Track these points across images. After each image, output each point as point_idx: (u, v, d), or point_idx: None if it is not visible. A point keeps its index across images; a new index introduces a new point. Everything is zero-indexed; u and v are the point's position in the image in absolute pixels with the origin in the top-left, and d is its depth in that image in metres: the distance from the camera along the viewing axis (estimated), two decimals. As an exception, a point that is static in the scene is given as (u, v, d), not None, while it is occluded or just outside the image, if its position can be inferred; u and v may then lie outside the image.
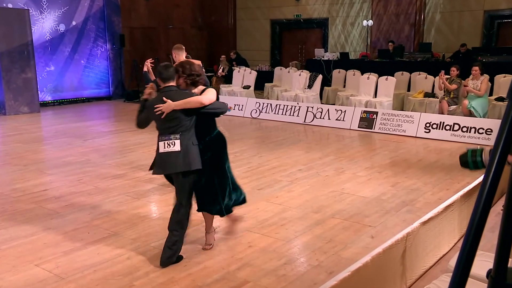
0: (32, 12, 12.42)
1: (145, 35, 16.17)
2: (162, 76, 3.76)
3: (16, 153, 7.74)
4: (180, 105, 3.70)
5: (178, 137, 3.73)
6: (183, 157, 3.72)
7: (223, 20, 17.88)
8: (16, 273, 3.66)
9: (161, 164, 3.80)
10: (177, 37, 17.16)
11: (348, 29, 15.16)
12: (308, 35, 16.48)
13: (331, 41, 15.62)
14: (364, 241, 4.24)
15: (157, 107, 3.68)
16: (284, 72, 13.46)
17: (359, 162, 7.03)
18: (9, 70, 11.53)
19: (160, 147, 3.75)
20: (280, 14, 16.62)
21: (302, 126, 10.19)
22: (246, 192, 5.59)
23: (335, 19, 15.40)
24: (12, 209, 5.08)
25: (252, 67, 14.61)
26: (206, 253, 4.00)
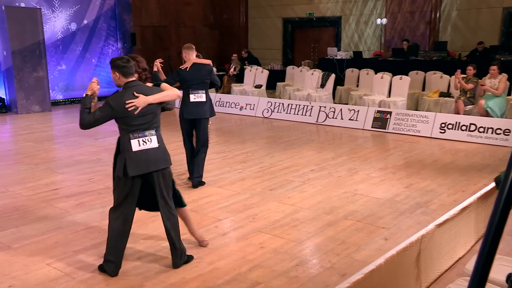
0: (44, 11, 12.55)
1: (156, 33, 16.25)
2: (124, 70, 3.55)
3: (27, 152, 7.83)
4: (158, 98, 3.61)
5: (154, 132, 3.63)
6: (162, 152, 3.66)
7: (235, 18, 17.90)
8: (27, 272, 3.70)
9: (141, 163, 3.52)
10: (188, 36, 17.23)
11: (362, 28, 15.09)
12: (321, 34, 16.43)
13: (344, 40, 15.56)
14: (377, 243, 4.22)
15: (129, 102, 3.48)
16: (296, 71, 13.43)
17: (373, 163, 6.99)
18: (21, 69, 11.67)
19: (133, 146, 3.52)
20: (293, 13, 16.59)
21: (315, 126, 10.16)
22: (257, 192, 5.62)
23: (348, 18, 15.33)
24: (24, 208, 5.14)
25: (264, 66, 14.61)
26: (217, 254, 4.01)
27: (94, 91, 3.62)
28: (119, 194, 3.62)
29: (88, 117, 3.50)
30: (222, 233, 4.48)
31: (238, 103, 11.83)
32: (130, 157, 3.52)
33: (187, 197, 5.47)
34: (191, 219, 4.18)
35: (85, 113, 3.51)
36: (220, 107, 12.09)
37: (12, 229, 4.57)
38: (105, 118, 3.52)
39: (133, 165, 3.51)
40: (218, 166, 6.84)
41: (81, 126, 3.54)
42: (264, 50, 17.10)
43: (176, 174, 6.44)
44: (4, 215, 4.92)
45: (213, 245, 4.19)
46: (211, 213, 4.99)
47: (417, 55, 12.51)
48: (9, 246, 4.18)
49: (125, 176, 3.51)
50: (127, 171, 3.50)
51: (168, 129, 9.64)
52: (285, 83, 13.67)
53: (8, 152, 8.02)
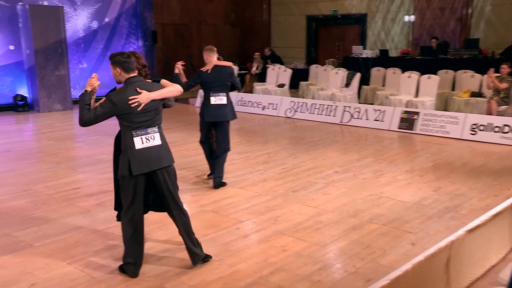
0: (66, 9, 12.78)
1: (177, 31, 16.38)
2: (125, 66, 3.51)
3: (49, 150, 7.98)
4: (161, 94, 3.61)
5: (157, 130, 3.62)
6: (166, 150, 3.66)
7: (257, 16, 17.91)
8: (49, 271, 3.78)
9: (144, 161, 3.51)
10: (209, 34, 17.32)
11: (388, 25, 14.91)
12: (346, 32, 16.30)
13: (370, 38, 15.40)
14: (403, 248, 4.16)
15: (133, 98, 3.46)
16: (320, 70, 13.37)
17: (399, 165, 6.90)
18: (44, 67, 11.91)
19: (136, 143, 3.50)
20: (317, 10, 16.51)
21: (339, 127, 10.09)
22: (279, 194, 5.61)
23: (374, 15, 15.18)
24: (45, 207, 5.25)
25: (287, 65, 14.58)
26: (238, 256, 4.01)
27: (94, 87, 3.57)
28: (126, 195, 3.61)
29: (88, 114, 3.46)
30: (243, 235, 4.49)
31: (260, 103, 11.84)
32: (133, 155, 3.50)
33: (208, 198, 5.51)
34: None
35: (85, 110, 3.46)
36: (242, 106, 12.11)
37: (34, 227, 4.66)
38: (106, 114, 3.47)
39: (137, 163, 3.50)
40: (240, 167, 6.86)
41: (80, 123, 3.48)
42: (287, 49, 17.06)
43: (199, 174, 6.48)
44: (26, 214, 5.03)
45: (235, 247, 4.20)
46: (233, 214, 5.01)
47: (447, 53, 12.30)
48: (31, 244, 4.27)
49: (130, 174, 3.51)
50: (131, 169, 3.49)
51: (188, 129, 9.70)
52: (309, 82, 13.62)
53: (30, 150, 8.20)
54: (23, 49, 12.15)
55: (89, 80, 3.57)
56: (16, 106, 12.10)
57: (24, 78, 12.32)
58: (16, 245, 4.26)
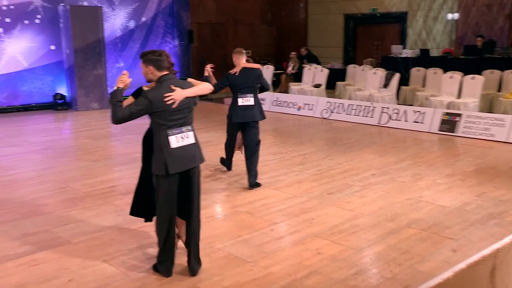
0: (105, 9, 13.11)
1: (213, 31, 16.53)
2: (158, 64, 3.54)
3: (86, 148, 8.21)
4: (195, 92, 3.64)
5: (190, 128, 3.65)
6: (197, 149, 3.69)
7: (294, 15, 17.87)
8: (85, 268, 3.88)
9: (180, 160, 3.54)
10: (245, 33, 17.40)
11: (430, 24, 14.59)
12: (385, 31, 16.06)
13: (410, 37, 15.12)
14: (444, 254, 4.07)
15: (168, 95, 3.48)
16: (358, 70, 13.22)
17: (439, 168, 6.75)
18: (82, 66, 12.25)
19: (171, 142, 3.51)
20: (355, 8, 16.34)
21: (376, 128, 9.96)
22: (314, 196, 5.59)
23: (415, 13, 14.89)
24: (82, 204, 5.39)
25: (324, 65, 14.47)
26: (272, 258, 4.02)
27: (126, 84, 3.58)
28: (162, 195, 3.62)
29: (122, 111, 3.45)
30: (277, 237, 4.49)
31: (296, 103, 11.81)
32: (169, 154, 3.51)
33: (242, 198, 5.53)
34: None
35: (118, 107, 3.45)
36: (277, 106, 12.11)
37: (71, 224, 4.80)
38: (141, 111, 3.46)
39: (173, 162, 3.51)
40: (275, 168, 6.86)
41: (113, 120, 3.47)
42: (324, 48, 16.95)
43: (233, 175, 6.52)
44: (64, 211, 5.19)
45: (268, 249, 4.20)
46: (267, 216, 5.01)
47: (493, 53, 11.92)
48: (69, 241, 4.40)
49: (166, 174, 3.53)
50: (168, 168, 3.51)
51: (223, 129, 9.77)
52: (346, 83, 13.49)
53: (68, 148, 8.45)
54: (63, 49, 12.54)
55: (120, 77, 3.58)
56: (56, 105, 12.50)
57: (64, 77, 12.71)
58: (55, 241, 4.40)
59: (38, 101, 12.52)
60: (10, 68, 11.96)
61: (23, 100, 12.31)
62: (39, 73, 12.42)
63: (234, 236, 4.45)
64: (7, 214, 5.07)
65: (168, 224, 3.68)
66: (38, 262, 3.96)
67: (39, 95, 12.52)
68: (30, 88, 12.35)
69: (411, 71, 12.49)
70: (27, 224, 4.81)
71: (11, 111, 12.07)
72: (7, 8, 11.74)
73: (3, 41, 11.77)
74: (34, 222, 4.85)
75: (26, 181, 6.32)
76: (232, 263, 3.94)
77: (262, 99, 12.31)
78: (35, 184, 6.16)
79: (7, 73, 11.92)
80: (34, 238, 4.45)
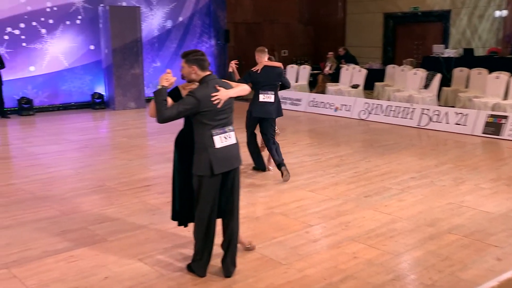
0: (143, 9, 13.37)
1: (249, 30, 16.59)
2: (202, 63, 3.58)
3: (123, 147, 8.39)
4: (237, 92, 3.68)
5: (232, 128, 3.68)
6: (238, 149, 3.73)
7: (332, 14, 17.73)
8: (121, 266, 3.97)
9: (225, 160, 3.58)
10: (281, 33, 17.38)
11: (475, 22, 14.19)
12: (426, 30, 15.73)
13: (453, 36, 14.75)
14: (487, 262, 3.95)
15: (215, 95, 3.52)
16: (397, 71, 13.01)
17: (483, 173, 6.56)
18: (120, 66, 12.53)
19: (216, 142, 3.55)
20: (395, 7, 16.07)
21: (416, 130, 9.77)
22: (351, 199, 5.53)
23: (459, 11, 14.51)
24: (118, 203, 5.52)
25: (362, 65, 14.31)
26: (307, 261, 4.00)
27: (171, 82, 3.59)
28: (204, 195, 3.63)
29: (170, 110, 3.45)
30: (313, 239, 4.47)
31: (333, 104, 11.72)
32: (214, 154, 3.54)
33: (277, 200, 5.54)
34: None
35: (163, 105, 3.45)
36: (314, 107, 12.05)
37: (108, 222, 4.92)
38: (189, 110, 3.48)
39: (218, 162, 3.55)
40: (310, 169, 6.83)
41: (159, 119, 3.46)
42: (362, 48, 16.74)
43: (268, 176, 6.52)
44: (101, 209, 5.32)
45: (303, 251, 4.19)
46: (302, 218, 5.00)
47: (543, 52, 11.52)
48: (105, 239, 4.50)
49: (211, 174, 3.55)
50: (213, 169, 3.53)
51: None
52: (384, 83, 13.30)
53: (106, 147, 8.66)
54: (102, 49, 12.86)
55: (164, 75, 3.58)
56: (94, 104, 12.83)
57: (102, 76, 13.04)
58: (92, 238, 4.51)
59: (77, 100, 12.89)
60: (52, 68, 12.36)
61: (63, 99, 12.70)
62: (78, 73, 12.78)
63: (268, 238, 4.46)
64: (47, 211, 5.24)
65: (207, 224, 3.70)
66: (76, 259, 4.08)
67: (78, 94, 12.89)
68: (70, 87, 12.73)
69: (453, 71, 12.19)
70: (66, 221, 4.96)
71: (52, 110, 12.47)
72: (50, 9, 12.13)
73: (46, 41, 12.17)
74: (73, 219, 4.99)
75: (65, 178, 6.51)
76: (266, 265, 3.94)
77: (298, 100, 12.40)
78: (74, 182, 6.34)
79: (49, 72, 12.32)
80: (73, 235, 4.58)
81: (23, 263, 4.00)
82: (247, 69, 6.48)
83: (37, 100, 12.25)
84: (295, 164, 7.08)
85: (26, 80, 12.05)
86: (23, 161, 7.53)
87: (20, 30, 11.79)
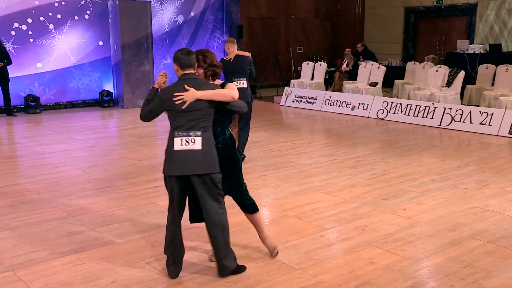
0: (153, 3, 13.45)
1: (264, 26, 16.61)
2: (181, 61, 3.62)
3: (131, 147, 8.45)
4: (207, 95, 3.57)
5: (199, 134, 3.59)
6: (203, 157, 3.58)
7: (350, 8, 17.67)
8: (129, 269, 4.00)
9: (177, 164, 3.59)
10: (297, 28, 17.37)
11: (504, 16, 14.01)
12: (450, 25, 15.60)
13: (479, 31, 14.60)
14: (512, 270, 3.91)
15: (178, 95, 3.54)
16: (418, 68, 12.93)
17: (509, 175, 6.49)
18: (129, 62, 12.63)
19: (175, 144, 3.59)
20: (417, 1, 15.97)
21: (437, 130, 9.70)
22: (368, 201, 5.51)
23: (486, 5, 14.36)
24: (127, 204, 5.56)
25: (381, 62, 14.24)
26: (322, 266, 3.99)
27: (159, 83, 3.84)
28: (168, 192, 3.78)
29: (143, 109, 3.74)
30: (327, 243, 4.46)
31: (350, 102, 11.69)
32: (170, 156, 3.64)
33: (291, 202, 5.54)
34: (263, 226, 4.19)
35: (145, 105, 3.76)
36: (330, 106, 12.03)
37: (115, 224, 4.96)
38: (157, 109, 3.69)
39: (172, 165, 3.63)
40: (326, 170, 6.81)
41: (140, 117, 3.81)
42: (381, 44, 16.66)
43: (282, 177, 6.53)
44: (109, 210, 5.37)
45: (318, 256, 4.18)
46: (316, 221, 4.99)
47: None
48: (113, 241, 4.55)
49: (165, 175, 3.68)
50: (164, 169, 3.66)
51: (273, 128, 9.80)
52: (404, 81, 13.23)
53: (114, 146, 8.73)
54: (111, 45, 12.98)
55: (158, 76, 3.89)
56: (102, 102, 12.95)
57: (111, 73, 13.15)
58: (99, 240, 4.56)
59: (85, 97, 13.03)
60: (60, 64, 12.51)
61: (70, 97, 12.84)
62: (86, 70, 12.92)
63: (282, 242, 4.46)
64: (54, 212, 5.30)
65: (173, 225, 3.79)
66: (83, 262, 4.12)
67: (86, 92, 13.03)
68: (78, 84, 12.87)
69: (478, 68, 12.08)
70: (73, 222, 5.01)
71: (59, 108, 12.63)
72: (58, 4, 12.28)
73: (54, 37, 12.32)
74: (80, 221, 5.04)
75: (72, 178, 6.58)
76: (279, 270, 3.95)
77: (313, 98, 12.39)
78: (81, 182, 6.41)
79: (56, 69, 12.48)
80: (79, 237, 4.63)
81: (29, 266, 4.06)
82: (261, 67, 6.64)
83: (44, 98, 12.41)
84: (310, 165, 7.08)
85: (33, 77, 12.22)
86: (30, 160, 7.62)
87: (27, 25, 11.95)
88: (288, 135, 9.27)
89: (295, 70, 16.52)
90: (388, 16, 16.76)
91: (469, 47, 13.16)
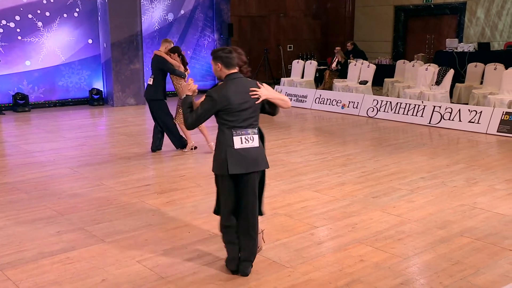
0: (143, 1, 13.39)
1: (254, 24, 16.59)
2: (229, 61, 3.68)
3: (121, 145, 8.41)
4: (275, 97, 3.74)
5: (256, 131, 3.72)
6: (262, 153, 3.74)
7: (340, 7, 17.72)
8: (119, 268, 3.99)
9: (241, 162, 3.63)
10: (288, 27, 17.37)
11: (493, 15, 14.12)
12: (440, 23, 15.70)
13: (468, 30, 14.69)
14: (502, 267, 3.95)
15: (254, 90, 3.64)
16: (408, 66, 13.00)
17: (497, 173, 6.55)
18: (119, 60, 12.57)
19: (235, 142, 3.63)
20: (406, 0, 16.04)
21: (427, 128, 9.76)
22: (358, 199, 5.53)
23: (475, 3, 14.45)
24: (117, 203, 5.54)
25: (371, 60, 14.31)
26: (312, 264, 4.01)
27: (193, 90, 3.85)
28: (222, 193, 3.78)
29: (191, 116, 3.69)
30: (318, 241, 4.48)
31: (340, 101, 11.72)
32: (232, 154, 3.62)
33: (281, 200, 5.55)
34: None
35: (188, 113, 3.72)
36: (320, 104, 12.05)
37: (105, 223, 4.94)
38: (208, 112, 3.65)
39: (234, 163, 3.62)
40: (316, 169, 6.83)
41: (186, 125, 3.75)
42: (371, 42, 16.73)
43: (273, 175, 6.53)
44: (99, 209, 5.34)
45: (308, 254, 4.20)
46: (307, 219, 5.00)
47: None
48: (103, 240, 4.53)
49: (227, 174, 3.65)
50: (228, 168, 3.62)
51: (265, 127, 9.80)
52: (394, 79, 13.29)
53: (104, 145, 8.69)
54: (100, 43, 12.90)
55: (186, 85, 3.89)
56: (92, 100, 12.88)
57: (100, 71, 13.08)
58: (89, 239, 4.54)
59: (74, 96, 12.95)
60: (49, 62, 12.42)
61: (59, 95, 12.76)
62: (76, 68, 12.84)
63: (272, 240, 4.46)
64: (43, 211, 5.27)
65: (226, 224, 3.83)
66: (73, 261, 4.10)
67: (76, 90, 12.95)
68: (67, 82, 12.79)
69: (467, 67, 12.17)
70: (62, 221, 4.98)
71: (48, 106, 12.54)
72: (47, 1, 12.18)
73: (42, 35, 12.23)
74: (69, 220, 5.02)
75: (61, 177, 6.54)
76: (269, 268, 3.96)
77: (304, 96, 12.40)
78: (71, 181, 6.37)
79: (45, 67, 12.39)
80: (69, 236, 4.61)
81: (18, 265, 4.03)
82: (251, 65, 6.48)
83: (33, 96, 12.31)
84: (300, 163, 7.09)
85: (21, 75, 12.12)
86: (18, 159, 7.57)
87: (15, 23, 11.85)
88: (278, 134, 9.28)
89: (285, 68, 16.55)
90: (378, 15, 16.82)
91: (458, 45, 13.25)
